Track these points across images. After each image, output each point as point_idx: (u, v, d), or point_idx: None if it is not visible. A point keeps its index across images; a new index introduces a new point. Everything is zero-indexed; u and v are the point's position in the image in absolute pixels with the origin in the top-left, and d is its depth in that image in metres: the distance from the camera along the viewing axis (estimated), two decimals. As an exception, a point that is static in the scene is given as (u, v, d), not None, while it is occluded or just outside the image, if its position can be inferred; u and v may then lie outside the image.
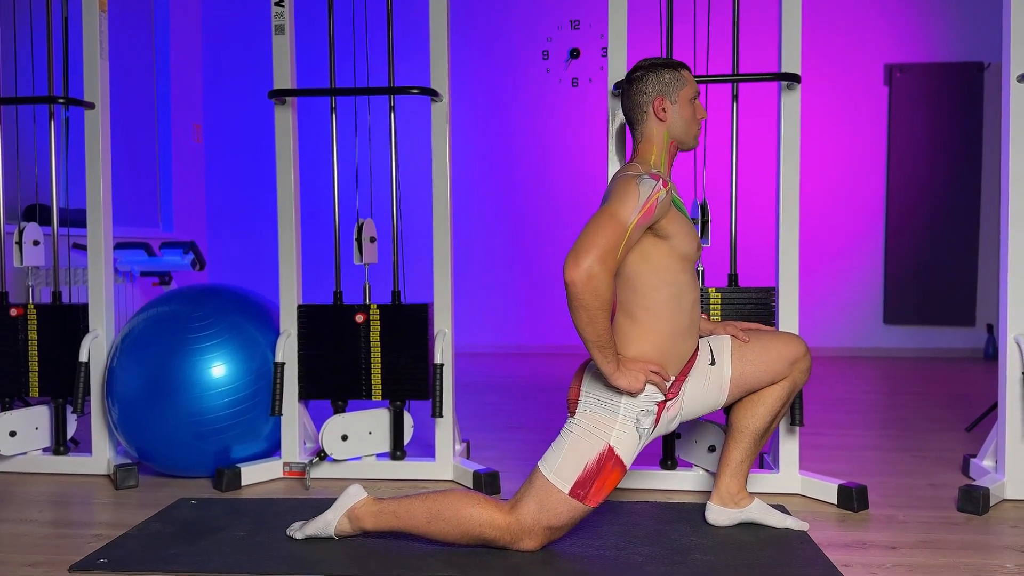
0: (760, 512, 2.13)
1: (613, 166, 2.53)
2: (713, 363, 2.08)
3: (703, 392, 2.06)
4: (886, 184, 5.69)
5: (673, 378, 1.98)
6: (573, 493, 1.89)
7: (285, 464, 2.66)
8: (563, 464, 1.90)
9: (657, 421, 1.96)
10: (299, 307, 2.66)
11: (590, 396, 1.94)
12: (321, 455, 2.60)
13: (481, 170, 5.95)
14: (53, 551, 2.04)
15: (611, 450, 1.90)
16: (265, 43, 6.03)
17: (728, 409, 2.20)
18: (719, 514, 2.14)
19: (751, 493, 2.19)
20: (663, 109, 2.01)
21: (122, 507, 2.39)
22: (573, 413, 1.97)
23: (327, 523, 2.02)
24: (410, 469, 2.65)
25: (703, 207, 2.48)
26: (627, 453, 1.92)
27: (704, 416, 2.36)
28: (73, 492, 2.55)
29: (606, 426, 1.91)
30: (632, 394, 1.90)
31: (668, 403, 1.98)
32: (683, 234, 1.95)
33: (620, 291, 1.96)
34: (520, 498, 1.93)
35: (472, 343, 5.91)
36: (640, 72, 2.05)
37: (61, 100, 2.65)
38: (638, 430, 1.92)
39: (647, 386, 1.91)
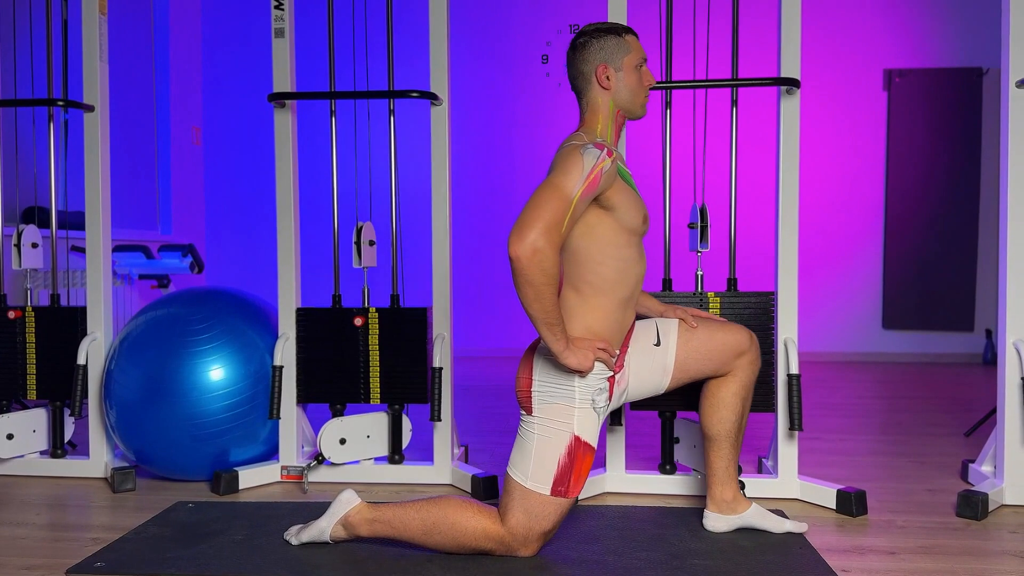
0: (758, 517, 2.13)
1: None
2: (658, 344, 2.06)
3: (647, 372, 2.05)
4: (885, 189, 5.70)
5: (618, 352, 1.98)
6: (555, 492, 1.88)
7: (283, 468, 2.66)
8: (536, 468, 1.89)
9: (610, 396, 1.96)
10: (298, 310, 2.66)
11: (544, 383, 1.91)
12: (319, 459, 2.60)
13: (480, 174, 5.95)
14: (50, 554, 2.03)
15: (577, 439, 1.89)
16: (265, 46, 6.03)
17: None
18: (717, 521, 2.14)
19: (749, 498, 2.19)
20: (607, 77, 1.97)
21: (119, 510, 2.39)
22: (528, 409, 1.93)
23: (321, 530, 2.01)
24: (408, 473, 2.65)
25: (702, 211, 2.48)
26: (592, 435, 1.92)
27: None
28: (70, 495, 2.55)
29: (566, 415, 1.89)
30: (582, 373, 1.88)
31: (617, 376, 1.98)
32: (629, 206, 1.91)
33: (565, 265, 1.93)
34: (506, 510, 1.91)
35: (471, 347, 5.91)
36: (583, 39, 2.00)
37: (60, 103, 2.65)
38: (595, 410, 1.92)
39: (595, 363, 1.90)
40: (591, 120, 2.01)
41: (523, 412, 1.95)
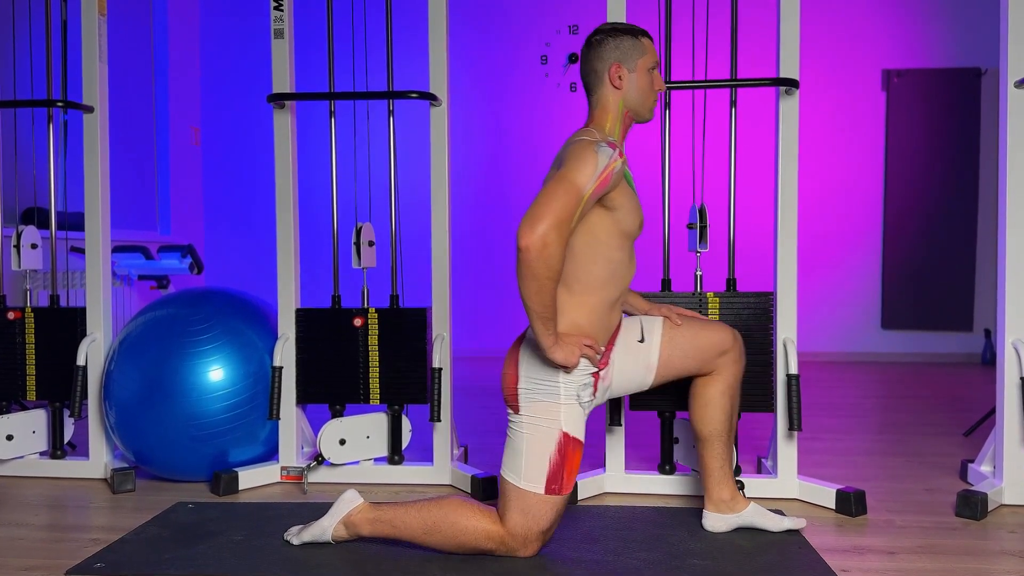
0: (757, 516, 2.13)
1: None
2: (642, 340, 2.07)
3: (631, 369, 2.06)
4: (884, 189, 5.70)
5: (603, 349, 1.99)
6: (549, 491, 1.89)
7: (283, 468, 2.66)
8: (528, 468, 1.89)
9: (595, 392, 1.97)
10: (297, 311, 2.66)
11: (529, 380, 1.91)
12: (319, 459, 2.60)
13: (479, 174, 5.95)
14: (50, 555, 2.03)
15: (566, 435, 1.90)
16: (264, 47, 6.03)
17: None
18: (716, 521, 2.14)
19: (747, 498, 2.19)
20: (619, 77, 1.98)
21: (119, 511, 2.39)
22: (515, 408, 1.93)
23: (323, 530, 2.01)
24: (408, 473, 2.65)
25: (701, 211, 2.49)
26: (578, 430, 1.92)
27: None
28: (70, 496, 2.55)
29: (553, 412, 1.90)
30: (567, 369, 1.88)
31: (601, 373, 1.99)
32: (629, 208, 1.92)
33: None
34: (503, 512, 1.92)
35: (470, 347, 5.90)
36: (599, 36, 2.00)
37: (60, 103, 2.65)
38: (581, 405, 1.93)
39: (581, 360, 1.90)
40: (600, 118, 2.01)
41: (510, 411, 1.95)
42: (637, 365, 2.06)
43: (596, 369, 1.96)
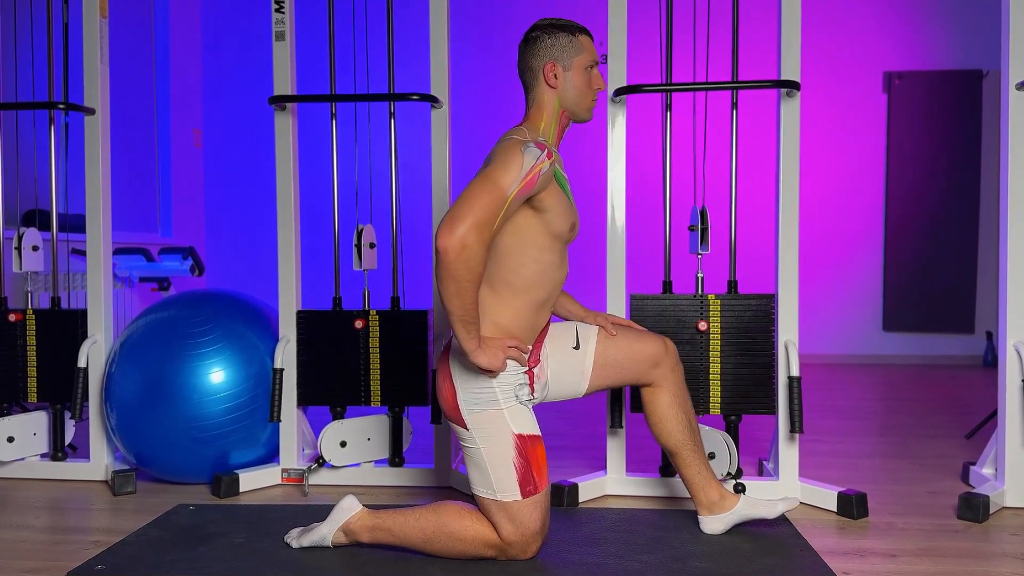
0: (750, 507, 2.12)
1: (612, 172, 2.53)
2: (577, 347, 2.06)
3: (566, 374, 2.05)
4: (885, 191, 5.70)
5: (531, 347, 1.97)
6: (525, 494, 1.87)
7: (283, 470, 2.65)
8: (497, 480, 1.86)
9: (532, 389, 1.95)
10: (298, 313, 2.66)
11: (466, 391, 1.88)
12: (320, 461, 2.60)
13: (480, 176, 5.95)
14: (51, 557, 2.03)
15: (520, 436, 1.87)
16: (265, 49, 6.03)
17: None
18: (713, 522, 2.14)
19: (736, 493, 2.18)
20: (555, 75, 1.94)
21: (120, 513, 2.38)
22: (462, 423, 1.89)
23: (323, 536, 2.01)
24: (409, 476, 2.65)
25: (703, 213, 2.48)
26: (529, 425, 1.89)
27: (702, 423, 2.35)
28: (71, 498, 2.55)
29: (499, 419, 1.87)
30: (493, 373, 1.85)
31: (535, 371, 1.98)
32: (559, 210, 1.88)
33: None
34: (494, 525, 1.90)
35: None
36: (536, 33, 1.97)
37: (61, 105, 2.65)
38: (522, 403, 1.90)
39: (507, 362, 1.87)
40: (535, 117, 1.98)
41: (457, 428, 1.91)
42: (571, 371, 2.06)
43: (527, 367, 1.93)
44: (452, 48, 5.84)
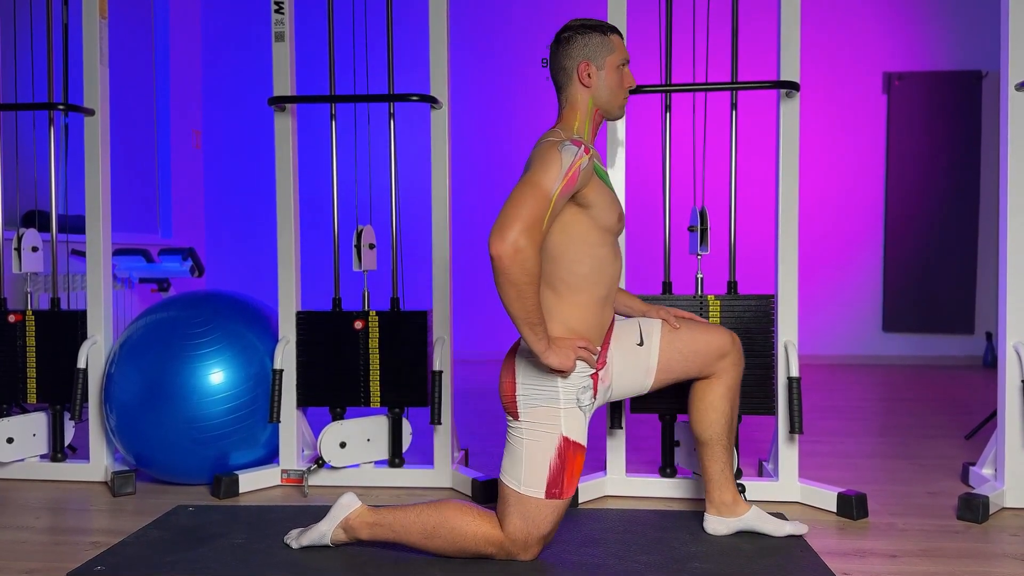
0: (758, 520, 2.13)
1: (612, 173, 2.53)
2: (641, 343, 2.06)
3: (631, 372, 2.05)
4: (885, 191, 5.70)
5: (599, 349, 1.98)
6: (549, 495, 1.88)
7: (283, 471, 2.65)
8: (528, 473, 1.88)
9: (595, 394, 1.95)
10: (298, 314, 2.66)
11: (527, 387, 1.90)
12: (319, 462, 2.60)
13: (480, 177, 5.95)
14: (50, 558, 2.03)
15: (566, 440, 1.89)
16: (265, 50, 6.03)
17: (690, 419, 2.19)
18: (717, 524, 2.14)
19: (749, 501, 2.18)
20: (588, 75, 1.96)
21: (119, 514, 2.38)
22: (515, 414, 1.91)
23: (322, 534, 2.01)
24: (408, 476, 2.64)
25: (702, 214, 2.48)
26: (579, 434, 1.91)
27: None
28: (70, 499, 2.54)
29: (553, 418, 1.89)
30: (564, 373, 1.87)
31: (600, 373, 1.98)
32: (604, 204, 1.90)
33: (542, 264, 1.91)
34: (503, 517, 1.91)
35: (471, 350, 5.90)
36: (568, 33, 1.99)
37: (61, 106, 2.65)
38: (581, 408, 1.91)
39: (577, 362, 1.89)
40: (569, 116, 1.99)
41: (509, 418, 1.94)
42: (636, 368, 2.06)
43: (594, 370, 1.95)
44: (452, 49, 5.84)
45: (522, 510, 1.89)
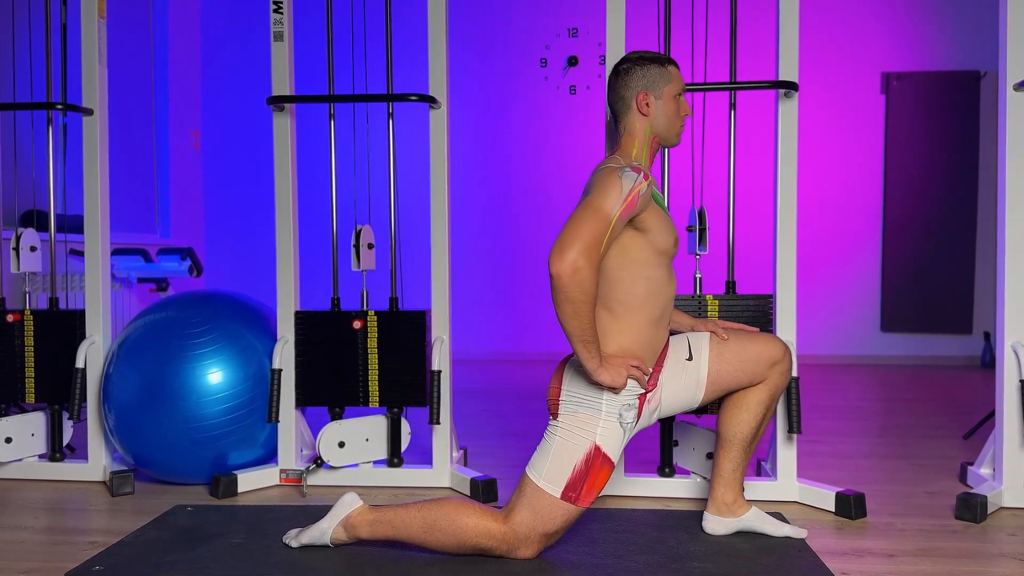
0: (757, 520, 2.13)
1: (611, 173, 2.53)
2: (691, 358, 2.07)
3: (681, 387, 2.06)
4: (883, 191, 5.70)
5: (651, 370, 1.99)
6: (565, 496, 1.89)
7: (282, 471, 2.65)
8: (551, 468, 1.90)
9: (639, 414, 1.96)
10: (296, 313, 2.66)
11: (571, 394, 1.94)
12: (318, 462, 2.60)
13: (479, 177, 5.95)
14: (48, 558, 2.03)
15: (597, 449, 1.90)
16: (264, 50, 6.03)
17: (715, 414, 2.20)
18: (716, 524, 2.14)
19: (748, 501, 2.19)
20: (647, 104, 2.02)
21: (118, 514, 2.38)
22: (555, 415, 1.96)
23: (322, 532, 2.01)
24: (407, 476, 2.65)
25: (701, 214, 2.49)
26: (613, 449, 1.92)
27: (701, 424, 2.36)
28: (69, 498, 2.54)
29: (590, 425, 1.91)
30: (614, 390, 1.90)
31: (648, 395, 1.99)
32: (661, 228, 1.95)
33: (599, 284, 1.95)
34: (513, 507, 1.92)
35: (469, 350, 5.90)
36: (627, 65, 2.05)
37: (59, 106, 2.65)
38: (622, 425, 1.93)
39: (628, 380, 1.91)
40: (627, 144, 2.05)
41: (551, 417, 1.98)
42: (687, 384, 2.07)
43: (643, 391, 1.96)
44: (451, 49, 5.84)
45: (534, 503, 1.90)
